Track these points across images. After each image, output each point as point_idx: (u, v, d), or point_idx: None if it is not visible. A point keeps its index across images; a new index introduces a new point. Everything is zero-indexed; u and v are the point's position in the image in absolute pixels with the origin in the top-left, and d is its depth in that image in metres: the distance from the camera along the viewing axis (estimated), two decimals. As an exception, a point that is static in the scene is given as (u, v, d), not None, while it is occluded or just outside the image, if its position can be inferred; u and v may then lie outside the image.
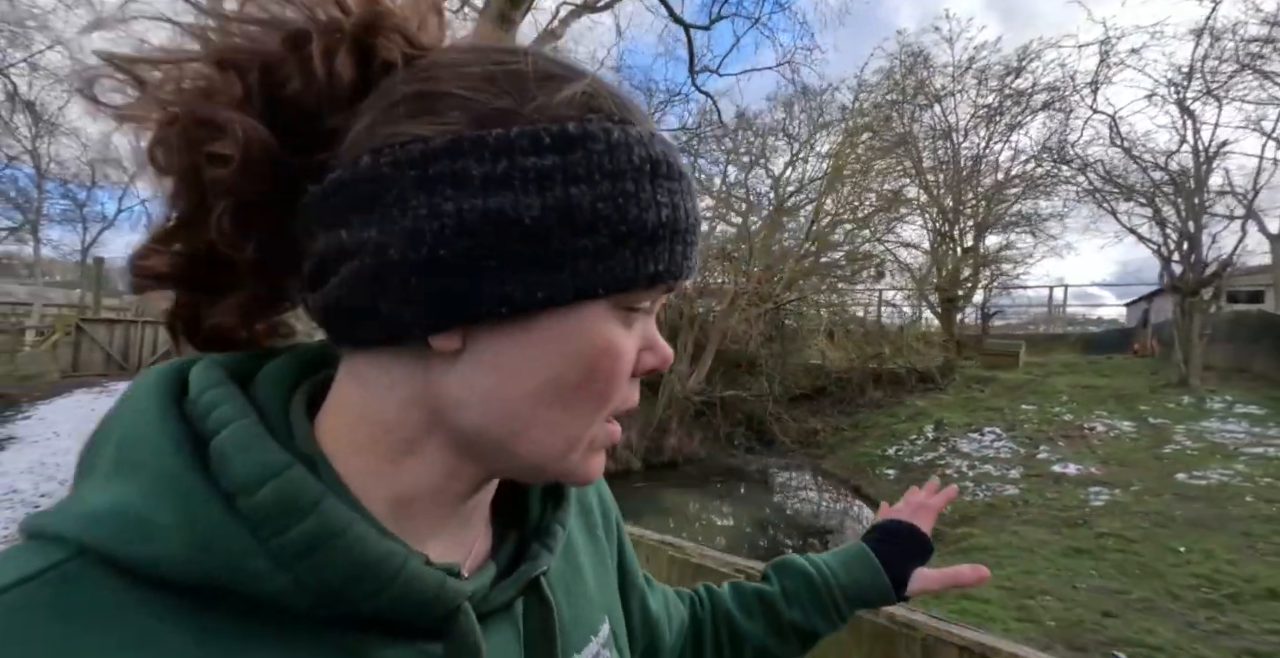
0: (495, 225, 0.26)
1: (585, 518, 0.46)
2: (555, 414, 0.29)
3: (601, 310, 0.28)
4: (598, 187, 0.27)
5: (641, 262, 0.28)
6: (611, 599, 0.45)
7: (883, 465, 8.54)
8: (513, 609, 0.34)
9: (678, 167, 0.30)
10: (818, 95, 12.86)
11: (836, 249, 12.13)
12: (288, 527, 0.24)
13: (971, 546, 5.45)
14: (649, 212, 0.28)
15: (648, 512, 7.74)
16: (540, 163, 0.26)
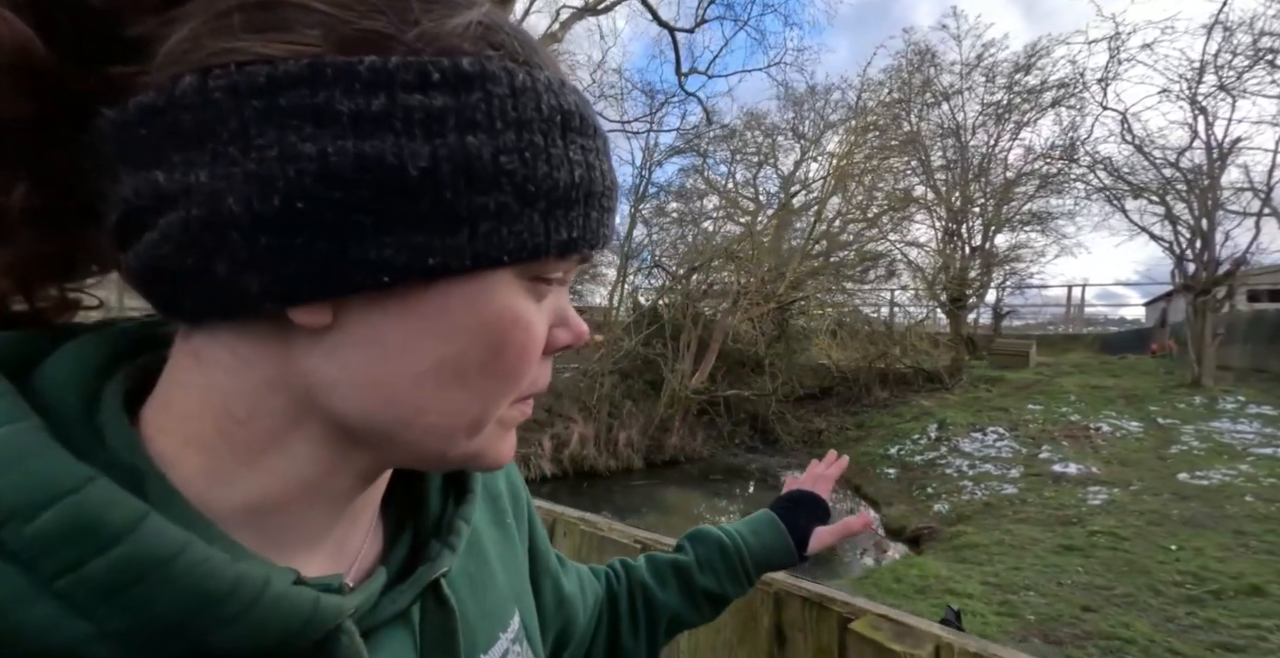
0: (372, 174, 0.21)
1: (493, 506, 0.43)
2: (453, 397, 0.25)
3: (507, 281, 0.25)
4: (500, 137, 0.23)
5: (553, 226, 0.25)
6: (522, 588, 0.42)
7: (883, 465, 8.57)
8: (408, 616, 0.31)
9: (592, 122, 0.27)
10: (824, 94, 12.93)
11: (845, 248, 12.16)
12: (83, 560, 0.19)
13: (963, 543, 5.51)
14: (560, 170, 0.25)
15: (648, 509, 7.89)
16: (429, 103, 0.22)
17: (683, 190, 13.46)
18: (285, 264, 0.22)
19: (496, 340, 0.25)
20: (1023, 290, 15.82)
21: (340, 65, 0.21)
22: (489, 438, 0.28)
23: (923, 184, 14.16)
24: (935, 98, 14.46)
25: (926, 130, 14.40)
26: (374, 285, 0.23)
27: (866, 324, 12.63)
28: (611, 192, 0.28)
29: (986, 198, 14.25)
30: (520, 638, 0.39)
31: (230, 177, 0.21)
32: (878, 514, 7.23)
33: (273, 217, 0.21)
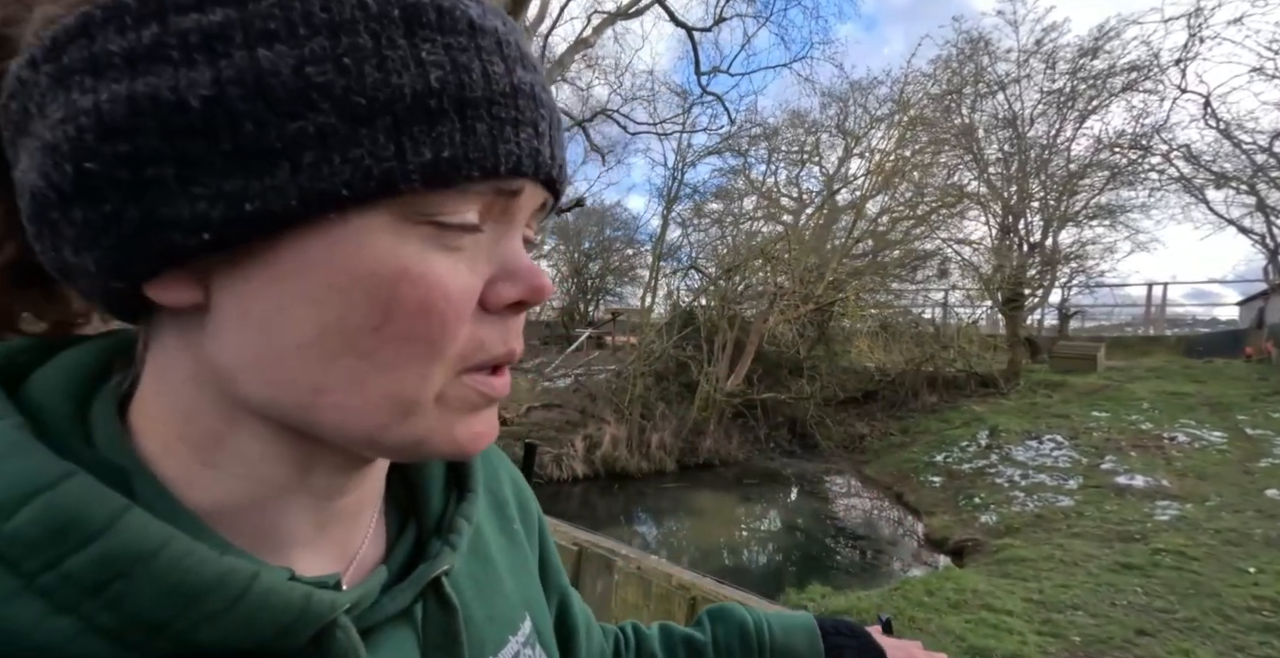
0: (152, 117, 0.19)
1: (499, 513, 0.41)
2: (351, 370, 0.22)
3: (380, 225, 0.21)
4: (305, 44, 0.20)
5: (409, 146, 0.21)
6: (534, 594, 0.40)
7: (928, 472, 8.16)
8: (411, 615, 0.30)
9: (464, 16, 0.22)
10: (869, 88, 12.53)
11: (892, 247, 11.70)
12: (66, 555, 0.19)
13: (1009, 557, 5.17)
14: (403, 75, 0.20)
15: (680, 512, 7.86)
16: (206, 19, 0.19)
17: (720, 191, 13.39)
18: (104, 236, 0.20)
19: (382, 298, 0.22)
20: (1091, 289, 14.67)
21: (109, 4, 0.19)
22: (433, 420, 0.24)
23: (976, 179, 13.45)
24: (989, 88, 13.71)
25: (980, 122, 13.68)
26: (200, 247, 0.20)
27: (914, 325, 12.08)
28: (510, 98, 0.23)
29: (1047, 192, 13.34)
30: (533, 642, 0.37)
31: (35, 153, 0.20)
32: (920, 524, 6.91)
33: (71, 186, 0.19)
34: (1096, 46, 12.97)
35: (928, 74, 12.84)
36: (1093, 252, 13.38)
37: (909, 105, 11.80)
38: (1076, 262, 13.32)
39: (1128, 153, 12.57)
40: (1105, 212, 13.26)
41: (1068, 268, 13.28)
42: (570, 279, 18.03)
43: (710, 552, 6.57)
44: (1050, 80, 13.61)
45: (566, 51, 9.05)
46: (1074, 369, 10.93)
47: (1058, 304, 14.18)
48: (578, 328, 16.16)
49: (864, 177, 11.73)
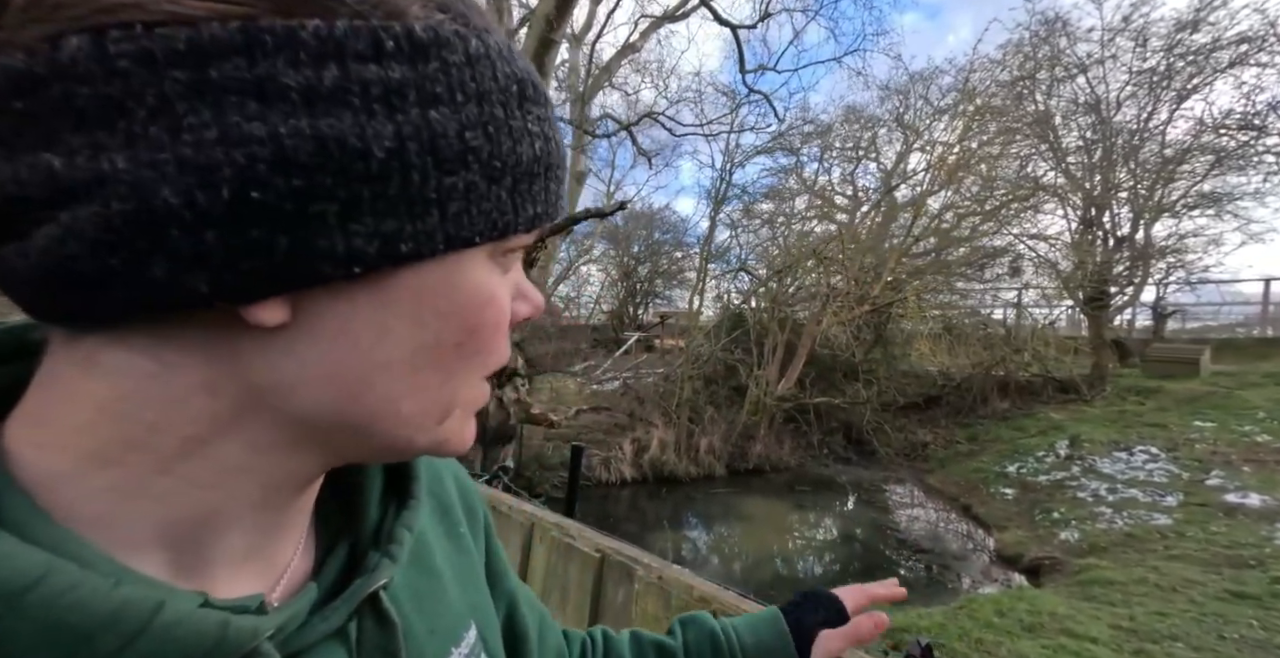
0: (335, 158, 0.19)
1: (444, 517, 0.40)
2: (427, 382, 0.24)
3: (480, 260, 0.25)
4: (463, 111, 0.22)
5: (519, 202, 0.24)
6: (480, 601, 0.40)
7: (999, 484, 7.57)
8: (345, 634, 0.28)
9: (543, 90, 0.26)
10: (931, 78, 11.93)
11: (957, 245, 11.04)
12: None
13: (1093, 578, 4.70)
14: (523, 143, 0.24)
15: (731, 518, 7.69)
16: (385, 75, 0.20)
17: (771, 191, 13.12)
18: (240, 261, 0.19)
19: (472, 321, 0.25)
20: (1193, 286, 13.18)
21: (280, 31, 0.19)
22: (455, 422, 0.27)
23: (1053, 169, 12.46)
24: (1067, 71, 12.68)
25: (1057, 108, 12.67)
26: (344, 277, 0.21)
27: (982, 327, 11.32)
28: (565, 162, 0.28)
29: (1137, 181, 12.15)
30: (478, 652, 0.36)
31: (159, 164, 0.18)
32: (990, 538, 6.41)
33: (223, 210, 0.19)
34: (1197, 19, 11.71)
35: (996, 60, 12.07)
36: (1194, 245, 12.02)
37: (975, 94, 11.13)
38: (1174, 256, 12.01)
39: (1237, 135, 11.23)
40: (1209, 200, 11.90)
41: (1163, 263, 12.01)
42: (619, 283, 18.19)
43: (762, 560, 6.39)
44: (1141, 59, 12.43)
45: (614, 58, 9.18)
46: (1172, 374, 9.85)
47: (1152, 303, 12.84)
48: (626, 331, 16.26)
49: (925, 171, 11.15)
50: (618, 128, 10.27)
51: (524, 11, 7.11)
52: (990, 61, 11.93)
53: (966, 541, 6.69)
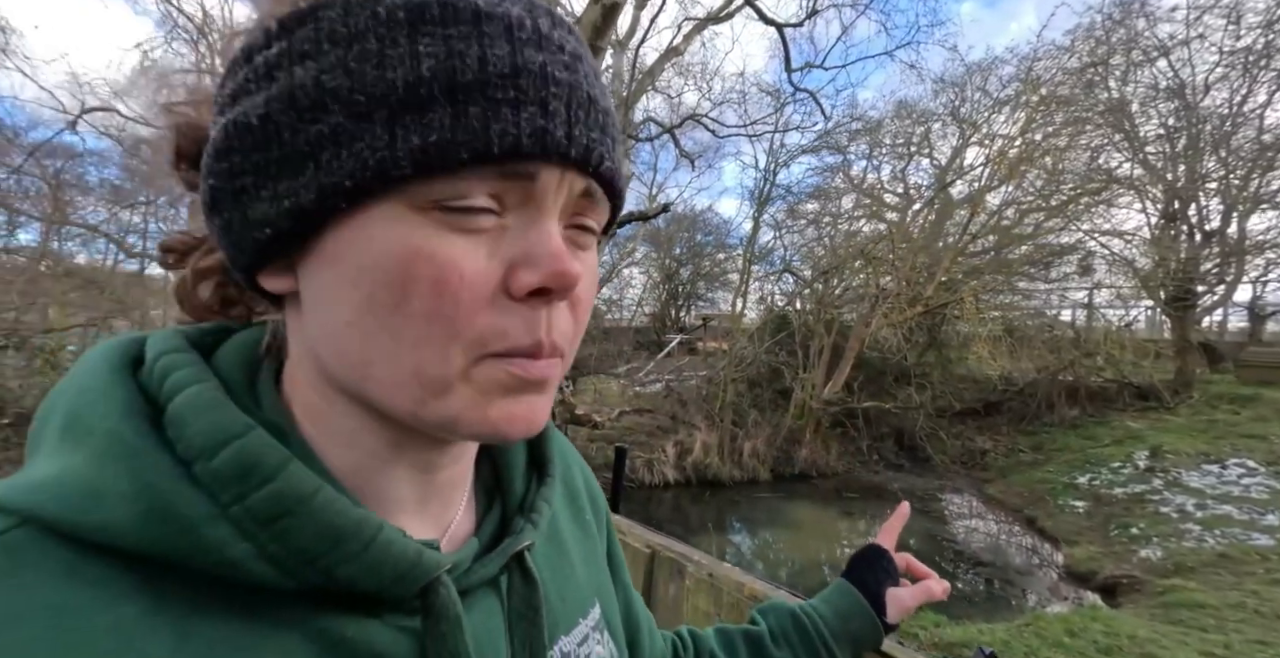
0: (235, 137, 0.24)
1: (571, 503, 0.43)
2: (384, 345, 0.24)
3: (394, 212, 0.23)
4: (325, 58, 0.23)
5: (400, 135, 0.22)
6: (602, 582, 0.43)
7: (1068, 495, 7.07)
8: (497, 585, 0.32)
9: (469, 6, 0.23)
10: (990, 69, 11.35)
11: (1021, 243, 10.43)
12: (249, 493, 0.23)
13: (1179, 601, 4.32)
14: (398, 68, 0.22)
15: (776, 524, 7.53)
16: (269, 54, 0.24)
17: (816, 190, 12.82)
18: (225, 238, 0.26)
19: (399, 277, 0.23)
20: (1298, 285, 11.88)
21: (232, 59, 0.26)
22: (465, 401, 0.25)
23: (1129, 160, 11.57)
24: (1145, 55, 11.76)
25: (1134, 95, 11.77)
26: (268, 240, 0.24)
27: (1048, 329, 10.62)
28: (509, 79, 0.23)
29: (1229, 170, 11.10)
30: (601, 627, 0.39)
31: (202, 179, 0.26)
32: (1059, 553, 5.99)
33: (208, 200, 0.26)
34: (1299, -10, 10.62)
35: (1064, 47, 11.31)
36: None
37: (1039, 84, 10.50)
38: (1274, 251, 10.89)
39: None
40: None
41: (1261, 259, 10.91)
42: (661, 285, 18.19)
43: (809, 567, 6.22)
44: (1234, 38, 11.37)
45: (657, 61, 9.22)
46: (1272, 380, 8.92)
47: (1247, 303, 11.69)
48: (668, 334, 16.24)
49: (983, 166, 10.60)
50: (660, 131, 10.31)
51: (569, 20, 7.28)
52: (1057, 48, 11.20)
53: (1031, 555, 6.27)
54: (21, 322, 6.67)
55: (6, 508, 0.22)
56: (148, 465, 0.23)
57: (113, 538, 0.22)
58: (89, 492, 0.22)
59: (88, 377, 0.26)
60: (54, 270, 7.97)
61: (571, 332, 0.28)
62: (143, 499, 0.22)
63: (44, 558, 0.21)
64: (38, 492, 0.22)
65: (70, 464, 0.23)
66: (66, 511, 0.22)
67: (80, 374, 0.26)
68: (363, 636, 0.26)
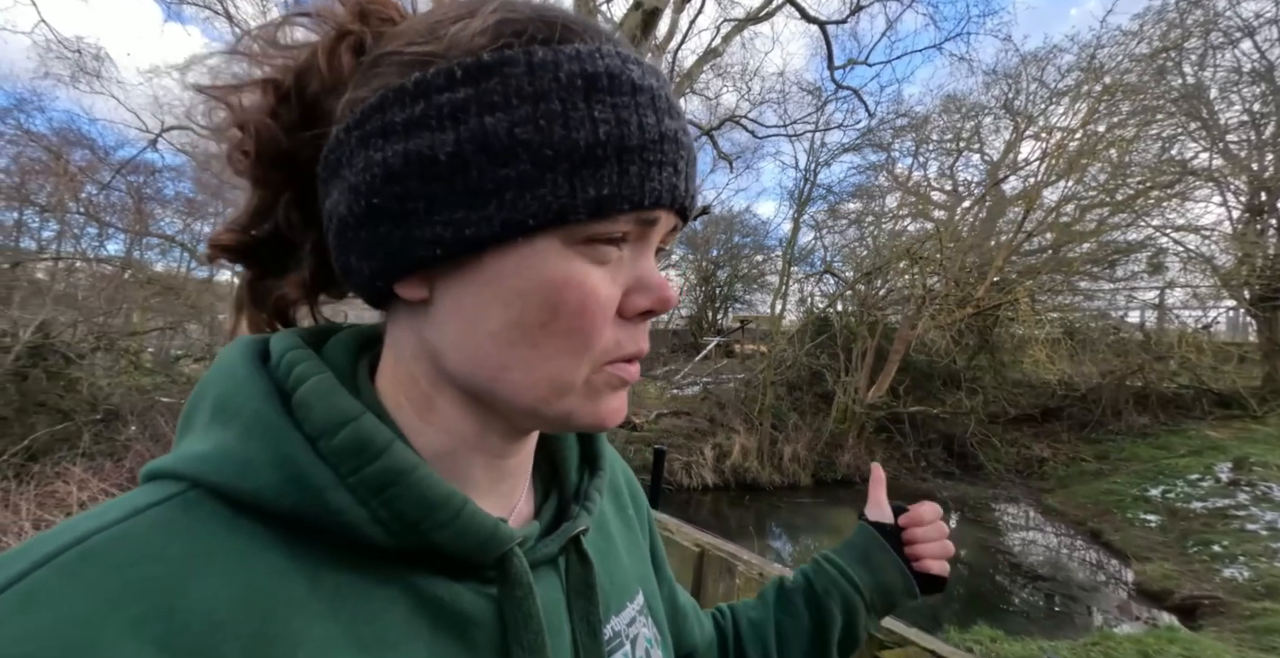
0: (416, 167, 0.27)
1: (616, 498, 0.47)
2: (525, 355, 0.29)
3: (554, 245, 0.28)
4: (515, 112, 0.26)
5: (579, 186, 0.27)
6: (645, 574, 0.46)
7: (1138, 508, 6.59)
8: (556, 564, 0.36)
9: (628, 79, 0.28)
10: (1044, 60, 10.79)
11: (1082, 240, 9.84)
12: (362, 466, 0.27)
13: (1269, 626, 3.95)
14: (580, 130, 0.26)
15: (818, 530, 7.35)
16: (454, 97, 0.27)
17: (859, 189, 12.49)
18: (377, 249, 0.29)
19: (551, 301, 0.28)
20: None
21: (396, 88, 0.28)
22: (579, 399, 0.30)
23: (1207, 150, 10.74)
24: (1227, 37, 10.91)
25: (1213, 80, 10.92)
26: (434, 258, 0.28)
27: (1113, 331, 9.96)
28: (657, 145, 0.28)
29: (1324, 155, 10.11)
30: (645, 613, 0.42)
31: (343, 191, 0.29)
32: (1128, 570, 5.59)
33: (364, 214, 0.28)
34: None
35: (1131, 32, 10.61)
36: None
37: (1103, 72, 9.90)
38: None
39: None
40: None
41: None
42: (698, 287, 18.10)
43: (850, 574, 6.01)
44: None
45: (695, 63, 9.23)
46: (1379, 390, 8.06)
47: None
48: (706, 336, 16.13)
49: (1040, 161, 10.06)
50: (699, 133, 10.30)
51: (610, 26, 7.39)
52: (1123, 34, 10.51)
53: (1096, 570, 5.87)
54: (109, 325, 7.26)
55: (179, 474, 0.27)
56: (285, 441, 0.27)
57: (259, 501, 0.26)
58: (241, 462, 0.26)
59: (231, 368, 0.30)
60: (137, 278, 8.64)
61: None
62: (282, 469, 0.26)
63: (213, 514, 0.26)
64: (201, 462, 0.27)
65: (223, 439, 0.27)
66: (224, 477, 0.26)
67: (224, 367, 0.31)
68: (450, 595, 0.30)
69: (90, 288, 7.73)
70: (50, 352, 5.73)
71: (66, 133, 9.85)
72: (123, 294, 7.90)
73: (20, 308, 5.86)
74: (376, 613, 0.27)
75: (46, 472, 3.67)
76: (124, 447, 4.76)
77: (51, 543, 0.23)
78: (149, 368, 7.47)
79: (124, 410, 5.67)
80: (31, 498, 3.15)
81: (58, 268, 8.17)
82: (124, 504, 0.25)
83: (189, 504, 0.26)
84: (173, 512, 0.25)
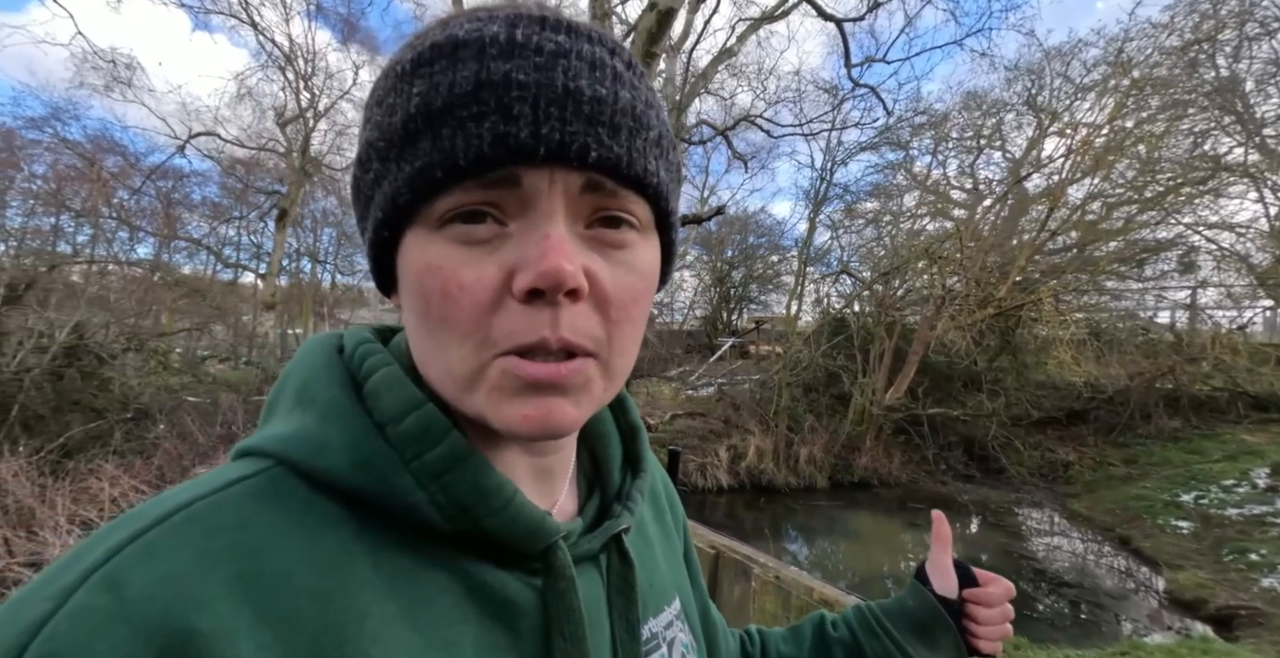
0: (353, 186, 0.32)
1: (654, 503, 0.48)
2: (429, 346, 0.29)
3: (419, 234, 0.28)
4: (372, 119, 0.29)
5: (401, 167, 0.27)
6: (682, 581, 0.46)
7: (1170, 514, 6.38)
8: (598, 561, 0.36)
9: (452, 39, 0.27)
10: (1068, 54, 10.53)
11: (1109, 238, 9.58)
12: (424, 451, 0.28)
13: (1312, 636, 3.79)
14: (397, 114, 0.27)
15: (835, 533, 7.26)
16: (376, 106, 0.30)
17: (876, 188, 12.32)
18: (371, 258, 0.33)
19: (420, 290, 0.28)
20: None
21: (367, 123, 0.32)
22: (483, 399, 0.28)
23: (1241, 145, 10.37)
24: (1264, 27, 10.52)
25: (1249, 72, 10.54)
26: (373, 265, 0.32)
27: (1142, 332, 9.67)
28: (472, 95, 0.25)
29: (1367, 149, 9.69)
30: (682, 618, 0.42)
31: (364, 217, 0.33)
32: (1159, 577, 5.41)
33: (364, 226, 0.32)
34: None
35: (1161, 24, 10.30)
36: None
37: (1131, 66, 9.63)
38: None
39: None
40: None
41: None
42: (712, 288, 18.03)
43: (871, 579, 5.93)
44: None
45: (710, 63, 9.19)
46: None
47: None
48: (721, 337, 16.05)
49: (1064, 158, 9.81)
50: (713, 134, 10.25)
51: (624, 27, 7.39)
52: (1153, 26, 10.20)
53: (1125, 578, 5.70)
54: (139, 326, 7.48)
55: (266, 452, 0.29)
56: (357, 426, 0.29)
57: (333, 480, 0.28)
58: (318, 444, 0.28)
59: (311, 359, 0.33)
60: (165, 280, 8.89)
61: (599, 331, 0.28)
62: (354, 451, 0.28)
63: (294, 490, 0.27)
64: (285, 442, 0.29)
65: (304, 422, 0.30)
66: (304, 456, 0.28)
67: (305, 358, 0.33)
68: (497, 582, 0.31)
69: (121, 290, 7.98)
70: (84, 352, 5.93)
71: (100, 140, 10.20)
72: (152, 296, 8.14)
73: (56, 309, 6.08)
74: (432, 595, 0.28)
75: (80, 469, 3.79)
76: (153, 445, 4.90)
77: (164, 506, 0.25)
78: (177, 368, 7.68)
79: (153, 409, 5.84)
80: (67, 494, 3.26)
81: (91, 271, 8.45)
82: (220, 476, 0.27)
83: (274, 479, 0.28)
84: (261, 485, 0.27)
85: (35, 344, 5.55)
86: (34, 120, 9.63)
